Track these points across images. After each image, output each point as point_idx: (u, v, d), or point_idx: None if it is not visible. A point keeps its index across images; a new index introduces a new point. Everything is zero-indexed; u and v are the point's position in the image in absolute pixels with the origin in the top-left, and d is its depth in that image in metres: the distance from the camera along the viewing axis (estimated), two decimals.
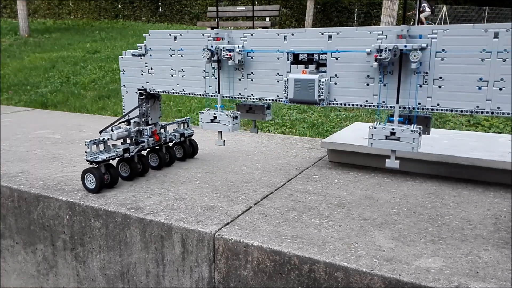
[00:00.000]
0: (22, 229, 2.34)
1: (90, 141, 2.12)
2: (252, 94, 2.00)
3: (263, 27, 8.48)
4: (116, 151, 2.22)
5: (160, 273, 1.93)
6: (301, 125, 4.00)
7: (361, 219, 1.84)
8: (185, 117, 2.79)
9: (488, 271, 1.43)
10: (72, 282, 2.24)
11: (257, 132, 2.36)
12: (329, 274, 1.51)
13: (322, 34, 1.78)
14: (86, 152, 2.11)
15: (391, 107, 1.70)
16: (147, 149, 2.46)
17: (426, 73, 1.61)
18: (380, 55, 1.55)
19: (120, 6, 18.71)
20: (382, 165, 2.51)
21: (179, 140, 2.63)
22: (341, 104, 1.80)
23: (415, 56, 1.54)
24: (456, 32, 1.55)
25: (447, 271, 1.43)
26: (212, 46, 1.92)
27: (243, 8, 9.29)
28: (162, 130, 2.53)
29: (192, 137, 2.76)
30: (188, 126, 2.74)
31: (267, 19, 9.03)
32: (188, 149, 2.72)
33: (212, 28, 8.85)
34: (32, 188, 2.27)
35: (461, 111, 1.58)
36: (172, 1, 18.58)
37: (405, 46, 1.55)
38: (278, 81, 1.91)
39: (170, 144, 2.65)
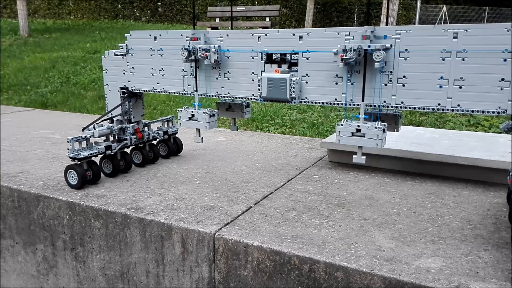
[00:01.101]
0: (22, 229, 2.34)
1: (72, 139, 2.18)
2: (228, 93, 2.06)
3: (263, 27, 8.48)
4: (98, 148, 2.27)
5: (160, 273, 1.93)
6: (301, 125, 4.01)
7: (361, 219, 1.84)
8: (169, 116, 2.83)
9: (488, 271, 1.43)
10: (72, 282, 2.24)
11: (237, 130, 2.42)
12: (329, 274, 1.51)
13: (294, 34, 1.84)
14: (68, 149, 2.18)
15: (358, 105, 1.75)
16: (131, 147, 2.52)
17: (391, 72, 1.67)
18: (346, 55, 1.61)
19: (120, 6, 18.71)
20: (382, 165, 2.51)
21: (162, 138, 2.68)
22: (312, 102, 1.86)
23: (378, 56, 1.59)
24: (418, 32, 1.61)
25: (447, 271, 1.43)
26: (189, 46, 1.98)
27: (243, 8, 9.29)
28: (146, 128, 2.58)
29: (177, 135, 2.81)
30: (172, 124, 2.78)
31: (267, 19, 9.02)
32: (172, 147, 2.77)
33: (212, 28, 8.85)
34: (32, 188, 2.27)
35: (424, 108, 1.65)
36: (172, 1, 18.58)
37: (369, 46, 1.61)
38: (253, 80, 1.97)
39: (155, 142, 2.71)
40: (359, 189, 2.20)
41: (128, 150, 2.54)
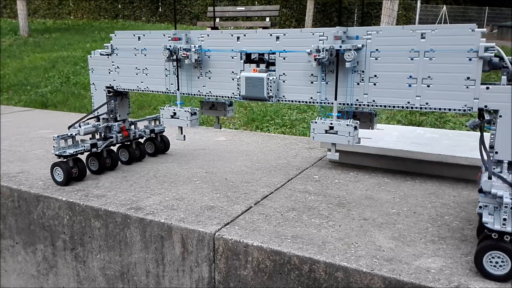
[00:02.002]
0: (22, 229, 2.34)
1: (58, 136, 2.24)
2: (210, 92, 2.11)
3: (263, 27, 8.48)
4: (84, 146, 2.33)
5: (160, 273, 1.93)
6: (301, 125, 4.01)
7: (361, 219, 1.84)
8: (157, 114, 2.86)
9: None
10: (72, 282, 2.24)
11: (220, 128, 2.45)
12: (329, 274, 1.51)
13: (271, 35, 1.89)
14: (54, 146, 2.24)
15: (331, 103, 1.80)
16: (118, 145, 2.57)
17: (363, 71, 1.71)
18: (319, 55, 1.65)
19: (120, 6, 18.71)
20: (382, 165, 2.51)
21: (149, 136, 2.72)
22: (289, 101, 1.90)
23: (349, 55, 1.64)
24: (388, 33, 1.65)
25: (447, 271, 1.43)
26: (170, 46, 2.02)
27: (243, 8, 9.29)
28: (132, 127, 2.63)
29: (164, 133, 2.85)
30: (159, 122, 2.82)
31: (267, 19, 9.02)
32: (159, 145, 2.82)
33: (212, 28, 8.85)
34: (32, 188, 2.27)
35: (394, 106, 1.69)
36: (172, 1, 18.57)
37: (340, 46, 1.65)
38: (233, 79, 2.02)
39: (142, 140, 2.75)
40: (359, 189, 2.20)
41: (115, 148, 2.59)
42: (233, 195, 2.14)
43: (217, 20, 9.27)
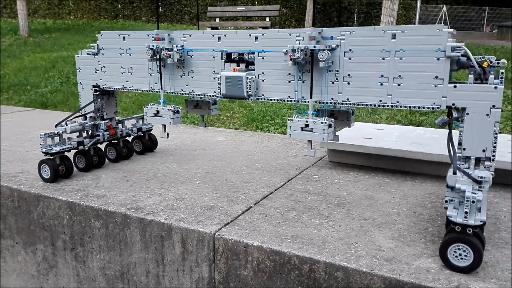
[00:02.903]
0: (22, 229, 2.34)
1: (44, 134, 2.29)
2: (192, 90, 2.15)
3: (263, 27, 8.48)
4: (71, 144, 2.38)
5: (160, 273, 1.93)
6: None
7: (361, 219, 1.84)
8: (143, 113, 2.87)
9: (488, 271, 1.43)
10: (72, 282, 2.24)
11: (205, 126, 2.49)
12: (329, 274, 1.51)
13: (250, 35, 1.94)
14: (41, 144, 2.29)
15: (308, 101, 1.85)
16: (105, 143, 2.62)
17: (337, 71, 1.77)
18: (294, 55, 1.70)
19: (120, 6, 18.71)
20: (382, 165, 2.51)
21: (136, 134, 2.77)
22: (268, 100, 1.95)
23: (322, 55, 1.68)
24: (360, 33, 1.70)
25: (447, 271, 1.43)
26: (153, 46, 2.07)
27: (243, 8, 9.29)
28: (120, 125, 2.67)
29: (152, 132, 2.89)
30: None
31: (267, 19, 9.02)
32: (147, 143, 2.87)
33: (212, 28, 8.85)
34: (32, 188, 2.27)
35: (366, 104, 1.74)
36: (172, 1, 18.58)
37: (314, 46, 1.70)
38: (214, 78, 2.06)
39: (129, 139, 2.79)
40: (359, 189, 2.20)
41: (102, 146, 2.63)
42: (233, 195, 2.14)
43: (217, 20, 9.27)
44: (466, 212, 1.40)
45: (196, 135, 3.43)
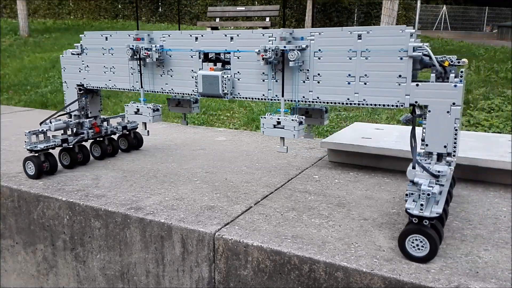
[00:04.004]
0: (22, 229, 2.34)
1: (29, 132, 2.34)
2: (172, 89, 2.20)
3: (263, 27, 8.48)
4: (55, 141, 2.43)
5: (160, 273, 1.93)
6: None
7: (361, 219, 1.84)
8: None
9: (488, 271, 1.43)
10: (72, 282, 2.24)
11: (187, 124, 2.55)
12: (329, 274, 1.51)
13: (226, 35, 1.99)
14: (25, 141, 2.34)
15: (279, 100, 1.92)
16: (90, 141, 2.68)
17: (308, 70, 1.82)
18: (265, 55, 1.76)
19: (120, 6, 18.71)
20: (382, 165, 2.51)
21: (121, 132, 2.81)
22: (243, 98, 2.01)
23: (292, 55, 1.74)
24: (329, 34, 1.75)
25: (447, 271, 1.43)
26: (133, 46, 2.12)
27: (243, 8, 9.29)
28: (105, 123, 2.72)
29: (137, 130, 2.93)
30: None
31: (267, 19, 9.02)
32: (132, 141, 2.92)
33: (212, 28, 8.85)
34: (32, 188, 2.27)
35: (335, 103, 1.80)
36: (172, 1, 18.58)
37: (285, 47, 1.76)
38: (192, 77, 2.11)
39: (115, 137, 2.84)
40: (359, 189, 2.20)
41: (88, 144, 2.68)
42: (233, 195, 2.14)
43: (217, 20, 9.27)
44: (421, 205, 1.45)
45: (196, 135, 3.43)
